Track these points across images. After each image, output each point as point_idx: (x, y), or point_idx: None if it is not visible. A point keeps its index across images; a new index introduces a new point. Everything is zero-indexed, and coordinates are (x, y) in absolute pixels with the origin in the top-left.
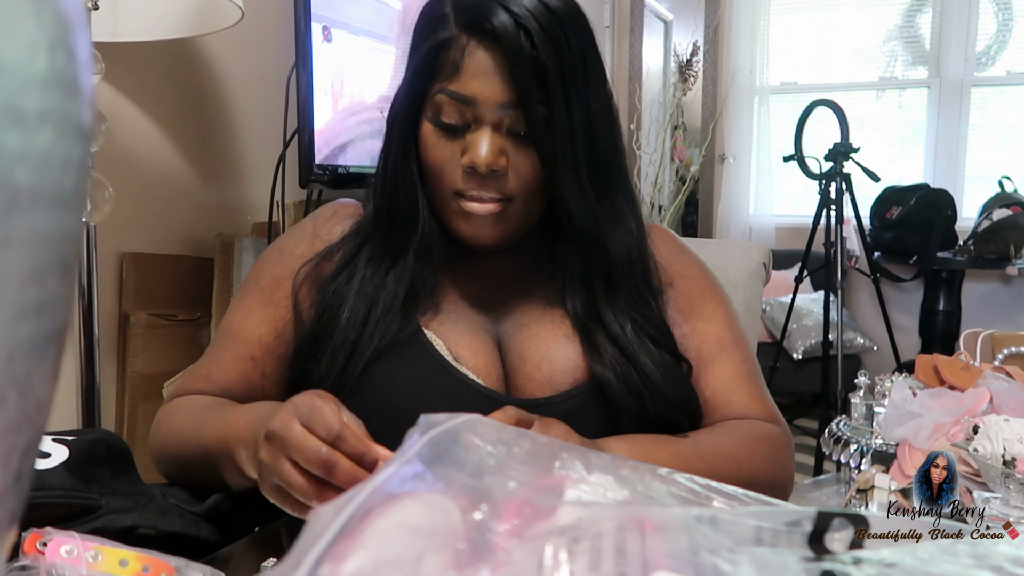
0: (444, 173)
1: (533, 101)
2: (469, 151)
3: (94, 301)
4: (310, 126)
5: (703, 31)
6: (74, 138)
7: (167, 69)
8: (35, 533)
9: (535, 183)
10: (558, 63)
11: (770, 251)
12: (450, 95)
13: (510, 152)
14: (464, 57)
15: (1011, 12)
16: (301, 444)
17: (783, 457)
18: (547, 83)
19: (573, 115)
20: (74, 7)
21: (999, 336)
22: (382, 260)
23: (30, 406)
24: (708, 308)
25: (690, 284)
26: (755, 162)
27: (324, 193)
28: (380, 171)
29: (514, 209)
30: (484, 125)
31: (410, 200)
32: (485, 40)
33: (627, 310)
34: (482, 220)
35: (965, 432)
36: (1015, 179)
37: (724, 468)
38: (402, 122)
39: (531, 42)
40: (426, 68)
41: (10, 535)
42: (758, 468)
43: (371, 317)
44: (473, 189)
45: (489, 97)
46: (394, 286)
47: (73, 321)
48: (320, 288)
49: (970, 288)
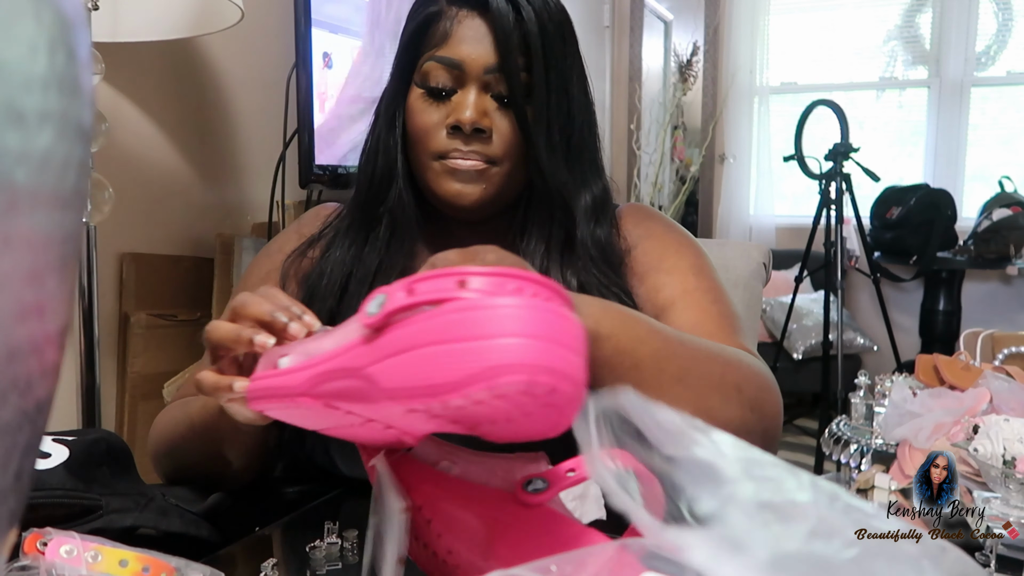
0: (428, 137)
1: (516, 66)
2: (454, 111)
3: (94, 301)
4: (310, 126)
5: (703, 31)
6: (74, 138)
7: (167, 69)
8: (35, 533)
9: (516, 148)
10: (540, 33)
11: (770, 251)
12: (438, 60)
13: (493, 115)
14: (453, 25)
15: (1011, 12)
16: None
17: (761, 382)
18: (530, 51)
19: (551, 82)
20: (74, 7)
21: (999, 336)
22: (359, 230)
23: (30, 406)
24: (669, 261)
25: (652, 243)
26: (755, 162)
27: (324, 193)
28: (364, 145)
29: (498, 172)
30: (469, 88)
31: (388, 166)
32: (473, 9)
33: (588, 274)
34: (466, 176)
35: (965, 432)
36: (1015, 179)
37: (707, 364)
38: (390, 95)
39: (517, 13)
40: (415, 40)
41: (10, 535)
42: (743, 376)
43: (349, 285)
44: (456, 151)
45: (476, 60)
46: (369, 256)
47: (73, 321)
48: (306, 274)
49: (970, 288)
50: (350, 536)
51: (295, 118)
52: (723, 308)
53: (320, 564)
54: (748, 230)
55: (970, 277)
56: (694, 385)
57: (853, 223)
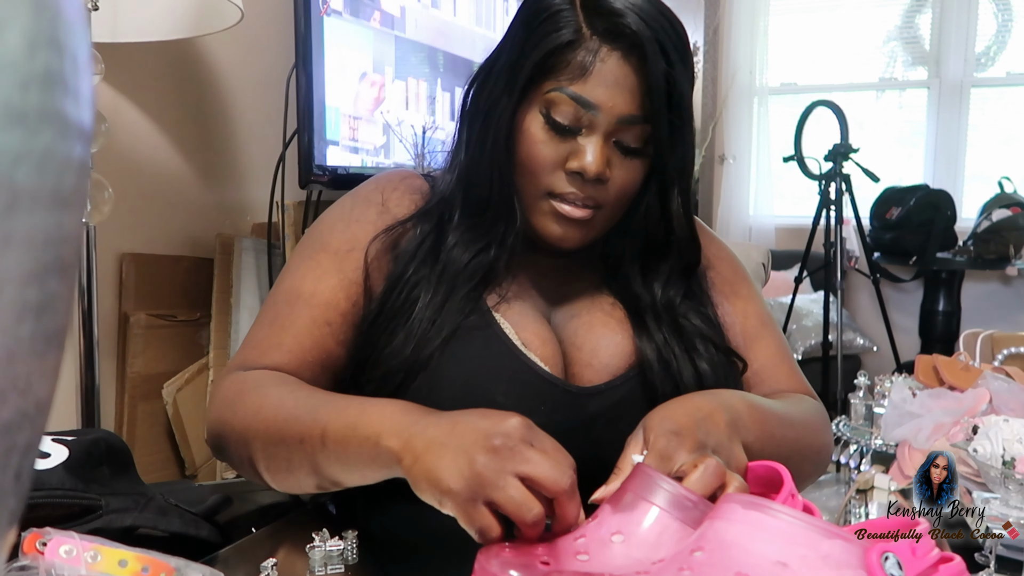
0: (543, 172)
1: (664, 118)
2: (578, 156)
3: (94, 301)
4: (310, 126)
5: (703, 31)
6: (74, 138)
7: (167, 69)
8: (35, 533)
9: (630, 196)
10: (685, 82)
11: (770, 251)
12: (572, 96)
13: (614, 164)
14: (596, 62)
15: (1011, 12)
16: (538, 471)
17: (829, 431)
18: (676, 101)
19: (686, 134)
20: (74, 7)
21: (999, 336)
22: (466, 248)
23: (30, 406)
24: (744, 287)
25: (725, 265)
26: (755, 162)
27: (324, 193)
28: (472, 157)
29: (602, 216)
30: (596, 133)
31: (505, 192)
32: (619, 48)
33: (677, 296)
34: (572, 223)
35: (965, 432)
36: (1015, 179)
37: (805, 438)
38: (504, 112)
39: (667, 59)
40: (544, 63)
41: (10, 535)
42: (822, 441)
43: (449, 301)
44: (572, 194)
45: (613, 108)
46: (473, 273)
47: (73, 321)
48: (394, 263)
49: (970, 288)
50: (350, 536)
51: (295, 118)
52: (786, 344)
53: (320, 564)
54: (748, 230)
55: (970, 278)
56: (797, 460)
57: (853, 223)
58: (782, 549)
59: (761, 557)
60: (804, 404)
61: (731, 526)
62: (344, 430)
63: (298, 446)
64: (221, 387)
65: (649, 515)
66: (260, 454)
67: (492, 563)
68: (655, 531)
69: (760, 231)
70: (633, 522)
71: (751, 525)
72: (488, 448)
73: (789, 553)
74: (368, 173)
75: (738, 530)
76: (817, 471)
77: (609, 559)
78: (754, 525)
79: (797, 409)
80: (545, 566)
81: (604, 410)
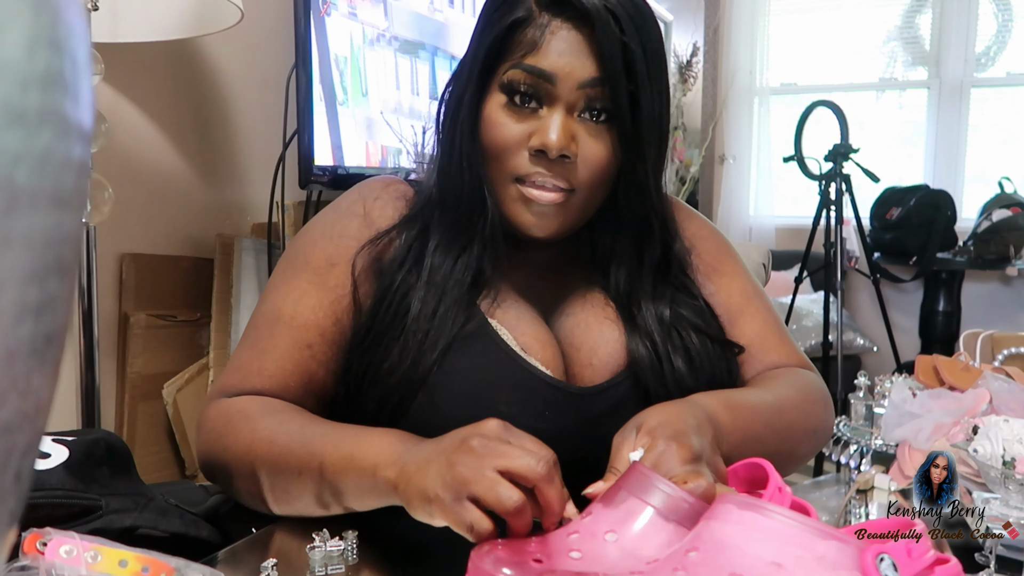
0: (507, 156)
1: (621, 81)
2: (539, 132)
3: (94, 301)
4: (310, 126)
5: (703, 32)
6: (74, 138)
7: (167, 69)
8: (35, 533)
9: (602, 174)
10: (642, 49)
11: (770, 252)
12: (527, 69)
13: (581, 138)
14: (545, 34)
15: (1011, 13)
16: (514, 463)
17: (828, 403)
18: (634, 68)
19: (653, 102)
20: (74, 7)
21: (999, 337)
22: (449, 248)
23: (30, 406)
24: (728, 264)
25: (707, 244)
26: (755, 163)
27: (324, 193)
28: (443, 153)
29: (576, 200)
30: (557, 107)
31: (476, 184)
32: (569, 20)
33: (668, 290)
34: (543, 210)
35: (965, 433)
36: (1015, 180)
37: (798, 423)
38: (469, 102)
39: (619, 26)
40: (498, 46)
41: (10, 535)
42: (820, 418)
43: (440, 307)
44: (538, 175)
45: (570, 73)
46: (462, 275)
47: (73, 321)
48: (381, 275)
49: (970, 289)
50: (350, 536)
51: (295, 118)
52: (775, 316)
53: (320, 564)
54: (748, 231)
55: (970, 278)
56: (788, 450)
57: (853, 224)
58: (777, 550)
59: (756, 558)
60: (796, 380)
61: (726, 527)
62: (342, 462)
63: (296, 478)
64: (207, 417)
65: (644, 515)
66: (256, 488)
67: (485, 561)
68: (649, 531)
69: (760, 231)
70: (627, 521)
71: (746, 526)
72: (465, 450)
73: (784, 554)
74: (368, 173)
75: (733, 531)
76: (818, 446)
77: (602, 557)
78: (749, 526)
79: (788, 391)
80: (538, 564)
81: (608, 408)
